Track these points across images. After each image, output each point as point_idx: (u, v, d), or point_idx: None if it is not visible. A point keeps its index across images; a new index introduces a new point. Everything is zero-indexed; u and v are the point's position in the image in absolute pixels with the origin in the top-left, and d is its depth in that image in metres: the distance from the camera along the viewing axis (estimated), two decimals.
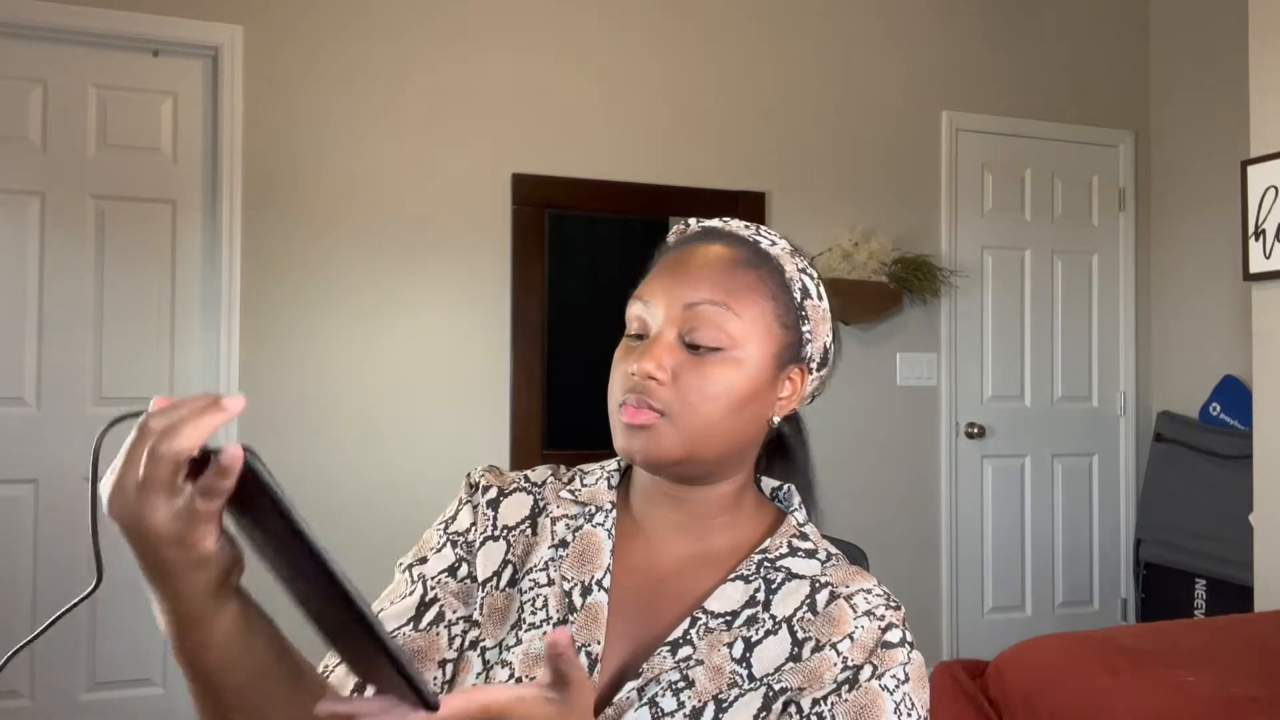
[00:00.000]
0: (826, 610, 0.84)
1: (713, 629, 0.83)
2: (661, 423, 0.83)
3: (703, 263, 0.86)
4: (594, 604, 0.85)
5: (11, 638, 2.94)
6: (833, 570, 0.88)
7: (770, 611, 0.84)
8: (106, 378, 3.04)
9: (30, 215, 3.00)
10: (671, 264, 0.88)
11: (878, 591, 0.87)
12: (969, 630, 3.98)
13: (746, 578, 0.86)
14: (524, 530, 0.90)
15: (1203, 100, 4.10)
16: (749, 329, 0.85)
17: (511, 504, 0.92)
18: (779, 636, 0.83)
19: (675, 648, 0.82)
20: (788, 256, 0.90)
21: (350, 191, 3.26)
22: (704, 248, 0.88)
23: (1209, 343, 4.03)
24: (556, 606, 0.85)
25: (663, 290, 0.85)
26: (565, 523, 0.90)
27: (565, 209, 3.51)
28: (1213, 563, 3.75)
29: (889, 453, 3.88)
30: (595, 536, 0.89)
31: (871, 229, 3.78)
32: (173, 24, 3.08)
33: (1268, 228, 3.08)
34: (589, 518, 0.90)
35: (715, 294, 0.84)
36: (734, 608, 0.84)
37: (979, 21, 4.07)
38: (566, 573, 0.87)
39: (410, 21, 3.34)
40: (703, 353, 0.84)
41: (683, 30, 3.66)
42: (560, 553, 0.88)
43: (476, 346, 3.38)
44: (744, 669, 0.81)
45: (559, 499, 0.92)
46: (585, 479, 0.94)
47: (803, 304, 0.89)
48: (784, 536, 0.90)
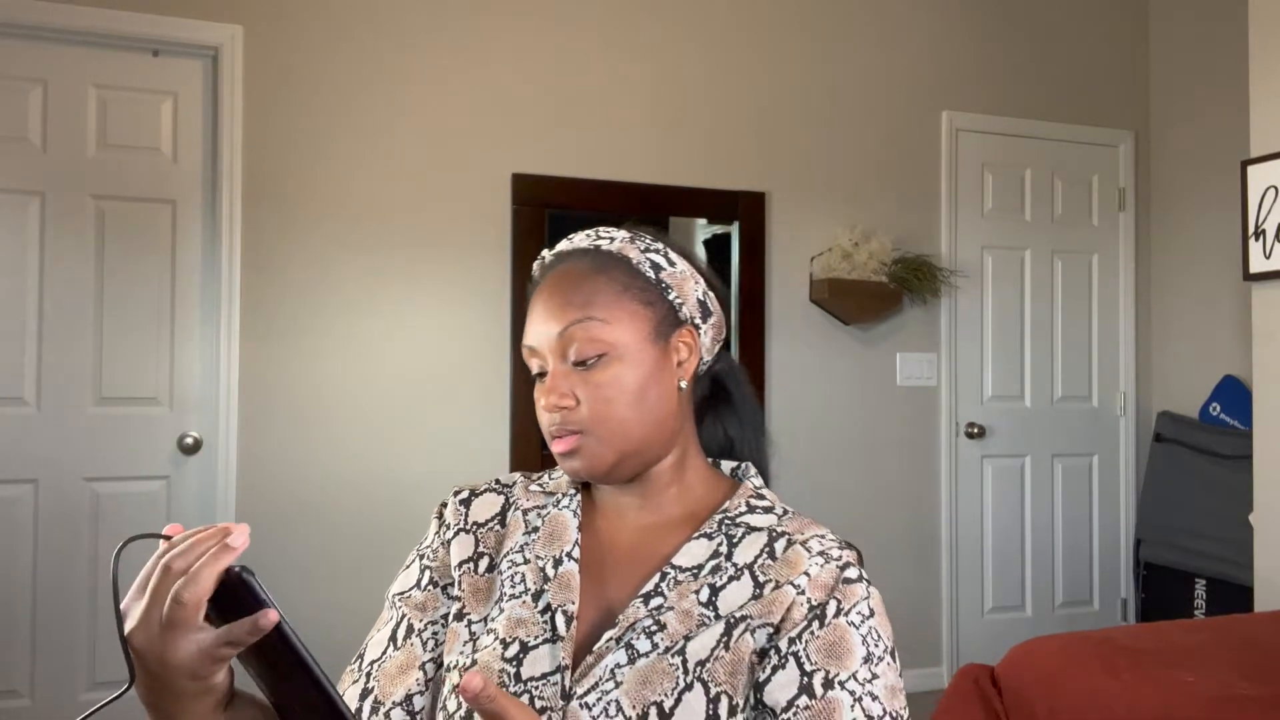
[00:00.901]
0: (784, 555, 0.92)
1: (681, 581, 0.91)
2: (585, 440, 0.92)
3: (555, 290, 0.94)
4: (565, 572, 0.93)
5: (11, 637, 2.94)
6: (788, 521, 0.96)
7: (733, 560, 0.92)
8: (106, 378, 3.04)
9: (30, 215, 3.00)
10: (535, 303, 0.96)
11: (831, 537, 0.94)
12: (969, 630, 3.98)
13: (710, 535, 0.94)
14: (493, 527, 1.00)
15: (1203, 100, 4.10)
16: (615, 326, 0.92)
17: (482, 503, 1.02)
18: (741, 581, 0.90)
19: (648, 599, 0.90)
20: (628, 244, 0.97)
21: (350, 191, 3.26)
22: (553, 275, 0.96)
23: (1209, 343, 4.03)
24: (533, 579, 0.94)
25: (537, 331, 0.94)
26: (535, 511, 1.00)
27: (565, 209, 3.51)
28: (1213, 563, 3.75)
29: (889, 453, 3.88)
30: (562, 517, 0.98)
31: (871, 229, 3.78)
32: (173, 24, 3.08)
33: (1268, 228, 3.08)
34: (555, 504, 1.00)
35: (574, 314, 0.92)
36: (699, 561, 0.92)
37: (979, 21, 4.07)
38: (539, 551, 0.96)
39: (410, 22, 3.34)
40: (589, 365, 0.92)
41: (683, 30, 3.66)
42: (532, 537, 0.98)
43: (477, 346, 3.38)
44: (710, 611, 0.89)
45: (527, 493, 1.02)
46: (551, 474, 1.04)
47: (659, 277, 0.96)
48: (742, 498, 0.98)
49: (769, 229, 3.70)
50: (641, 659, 0.86)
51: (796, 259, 3.74)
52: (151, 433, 3.08)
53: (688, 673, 0.85)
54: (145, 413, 3.08)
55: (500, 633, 0.91)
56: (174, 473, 3.10)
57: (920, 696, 3.82)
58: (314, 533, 3.17)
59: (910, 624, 3.87)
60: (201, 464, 3.12)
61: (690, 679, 0.85)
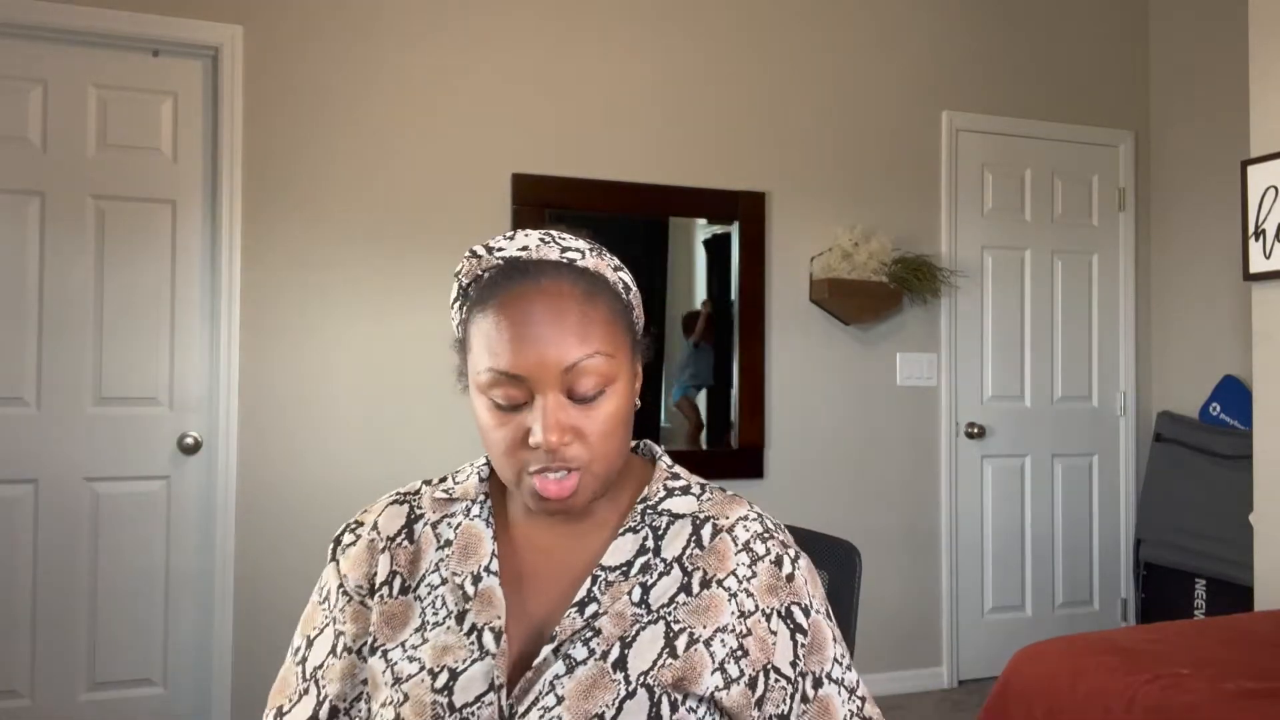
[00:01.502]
0: (711, 544, 0.91)
1: (612, 581, 0.89)
2: (583, 478, 0.87)
3: (553, 313, 0.85)
4: (486, 589, 0.90)
5: (11, 637, 2.94)
6: (709, 504, 0.94)
7: (661, 556, 0.91)
8: (106, 378, 3.04)
9: (30, 215, 3.00)
10: (515, 321, 0.85)
11: (753, 516, 0.94)
12: (969, 630, 3.98)
13: (634, 529, 0.92)
14: (401, 542, 0.95)
15: (1203, 100, 4.10)
16: (616, 359, 0.88)
17: (387, 518, 0.97)
18: (671, 575, 0.90)
19: (582, 607, 0.87)
20: (600, 261, 0.91)
21: (350, 191, 3.26)
22: (537, 291, 0.86)
23: (1209, 343, 4.03)
24: (453, 600, 0.90)
25: (528, 360, 0.84)
26: (446, 522, 0.95)
27: (565, 209, 3.51)
28: (1213, 563, 3.75)
29: (889, 453, 3.88)
30: (474, 529, 0.94)
31: (871, 229, 3.78)
32: (173, 24, 3.08)
33: (1268, 228, 3.08)
34: (465, 512, 0.95)
35: (586, 347, 0.85)
36: (628, 558, 0.90)
37: (979, 21, 4.07)
38: (456, 568, 0.92)
39: (410, 22, 3.34)
40: (591, 400, 0.86)
41: (683, 30, 3.66)
42: (446, 552, 0.93)
43: None
44: (643, 609, 0.88)
45: (434, 502, 0.97)
46: (456, 477, 0.99)
47: (628, 299, 0.93)
48: (659, 482, 0.95)
49: (769, 229, 3.70)
50: (580, 667, 0.85)
51: (796, 259, 3.74)
52: (151, 433, 3.08)
53: (630, 682, 0.84)
54: (145, 413, 3.08)
55: (427, 663, 0.87)
56: (174, 473, 3.10)
57: (920, 696, 3.82)
58: (314, 532, 3.17)
59: (910, 624, 3.87)
60: (201, 464, 3.12)
61: (634, 687, 0.84)
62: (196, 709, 3.10)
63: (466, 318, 0.90)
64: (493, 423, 0.88)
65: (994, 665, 3.82)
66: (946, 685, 3.93)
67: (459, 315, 0.93)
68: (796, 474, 3.70)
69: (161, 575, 3.08)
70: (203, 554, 3.10)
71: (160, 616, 3.08)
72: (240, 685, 3.10)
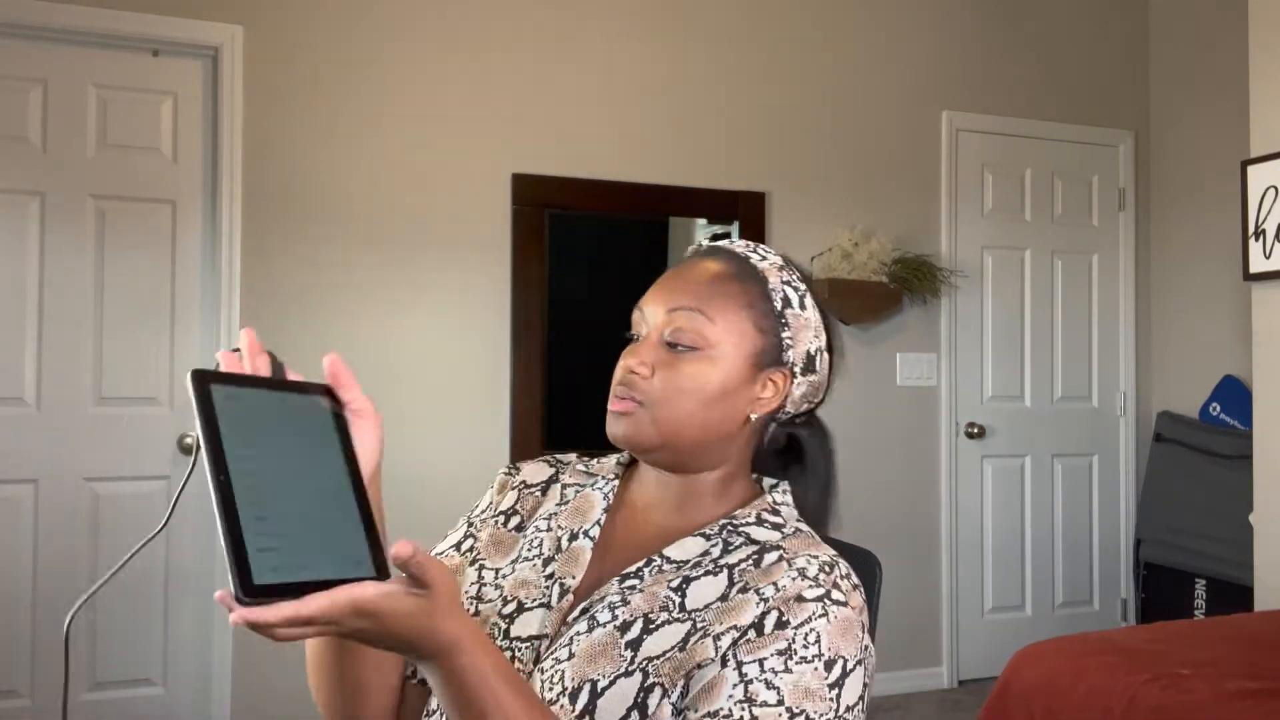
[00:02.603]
0: (767, 566, 0.90)
1: (665, 570, 0.92)
2: (640, 411, 0.94)
3: (691, 275, 0.97)
4: (577, 547, 0.97)
5: (12, 637, 2.94)
6: (791, 539, 0.94)
7: (720, 561, 0.92)
8: (106, 378, 3.04)
9: (30, 215, 3.00)
10: (668, 275, 0.99)
11: (826, 558, 0.90)
12: (969, 630, 3.98)
13: (708, 535, 0.95)
14: (535, 492, 1.05)
15: (1203, 100, 4.10)
16: (723, 333, 0.94)
17: (533, 468, 1.07)
18: (717, 578, 0.90)
19: (625, 579, 0.92)
20: (775, 270, 1.00)
21: (350, 191, 3.26)
22: (699, 262, 0.99)
23: (1209, 343, 4.03)
24: (549, 546, 0.99)
25: (654, 298, 0.97)
26: (574, 488, 1.04)
27: (565, 209, 3.51)
28: (1213, 563, 3.75)
29: (889, 453, 3.87)
30: (592, 497, 1.02)
31: (871, 229, 3.78)
32: (173, 24, 3.08)
33: (1268, 228, 3.08)
34: (592, 484, 1.04)
35: (693, 301, 0.95)
36: (689, 557, 0.93)
37: (979, 21, 4.07)
38: (563, 523, 1.01)
39: (411, 22, 3.34)
40: (680, 351, 0.94)
41: (683, 30, 3.66)
42: (562, 508, 1.02)
43: (477, 346, 3.38)
44: (678, 596, 0.90)
45: (574, 470, 1.07)
46: (601, 458, 1.08)
47: (783, 312, 0.98)
48: (755, 509, 0.97)
49: (769, 229, 3.70)
50: (599, 629, 0.88)
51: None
52: (151, 433, 3.08)
53: (633, 663, 0.86)
54: (145, 413, 3.08)
55: (505, 590, 0.96)
56: (174, 473, 3.10)
57: (920, 696, 3.82)
58: None
59: (910, 624, 3.87)
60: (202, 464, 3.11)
61: (633, 667, 0.86)
62: (196, 709, 3.10)
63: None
64: (622, 356, 0.97)
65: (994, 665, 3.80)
66: (946, 685, 3.93)
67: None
68: None
69: (161, 575, 3.08)
70: (203, 554, 3.10)
71: (160, 616, 3.08)
72: (240, 685, 3.10)
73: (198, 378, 0.69)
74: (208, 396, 0.68)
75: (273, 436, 0.70)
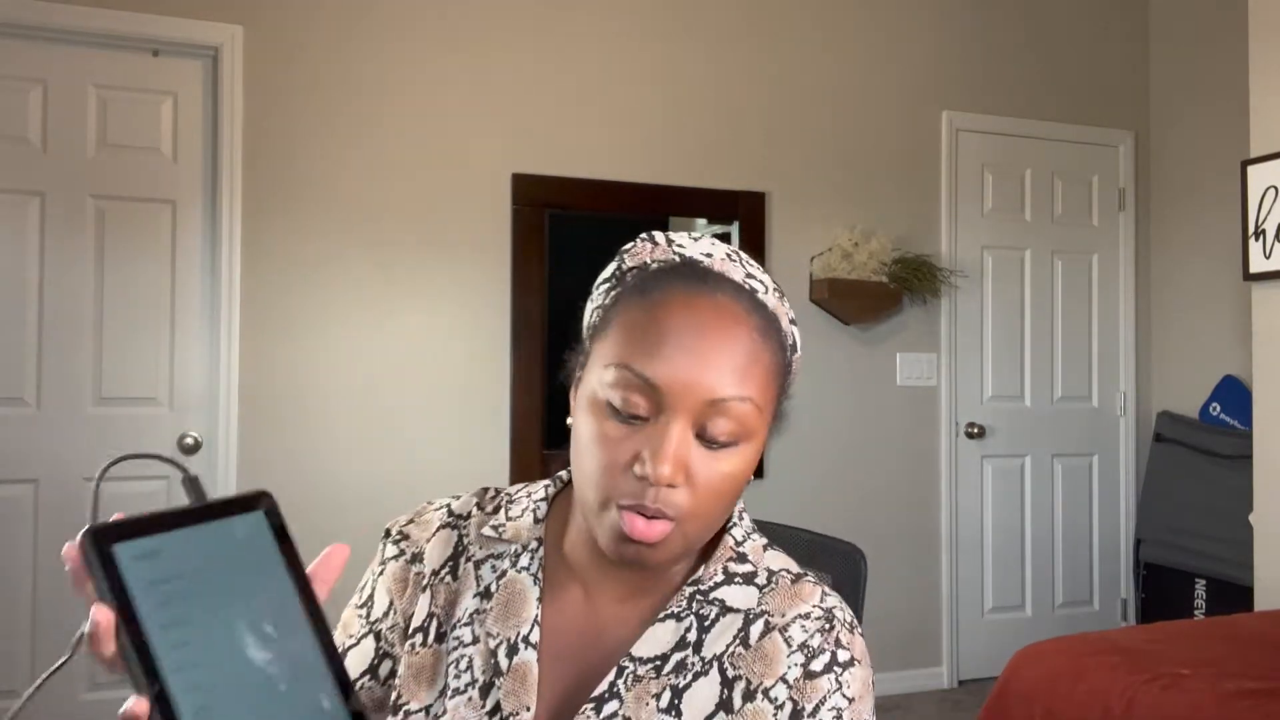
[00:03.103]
0: (759, 645, 0.77)
1: (641, 677, 0.76)
2: (674, 531, 0.73)
3: (724, 336, 0.73)
4: (521, 664, 0.77)
5: (12, 637, 2.94)
6: (771, 596, 0.80)
7: (700, 654, 0.77)
8: (106, 378, 3.04)
9: (30, 215, 3.00)
10: (680, 326, 0.73)
11: (818, 614, 0.79)
12: (969, 630, 3.98)
13: (678, 615, 0.78)
14: (445, 578, 0.83)
15: (1203, 100, 4.10)
16: (764, 415, 0.76)
17: (436, 546, 0.85)
18: (709, 678, 0.76)
19: (600, 705, 0.75)
20: (780, 304, 0.80)
21: (350, 191, 3.26)
22: (712, 305, 0.74)
23: (1209, 343, 4.03)
24: (482, 667, 0.78)
25: (676, 372, 0.72)
26: (490, 565, 0.82)
27: (565, 209, 3.51)
28: (1213, 563, 3.75)
29: (889, 453, 3.87)
30: (520, 583, 0.81)
31: (871, 229, 3.78)
32: (173, 24, 3.08)
33: (1268, 228, 3.08)
34: (514, 560, 0.82)
35: (743, 388, 0.73)
36: (663, 650, 0.77)
37: (979, 21, 4.07)
38: (492, 628, 0.79)
39: (411, 22, 3.34)
40: (718, 448, 0.74)
41: (683, 30, 3.66)
42: (484, 604, 0.81)
43: (477, 346, 3.38)
44: (673, 717, 0.75)
45: (481, 538, 0.84)
46: (510, 510, 0.85)
47: (790, 360, 0.81)
48: (719, 563, 0.81)
49: (769, 229, 3.70)
50: None
51: (796, 259, 3.74)
52: (151, 433, 3.08)
53: None
54: (145, 413, 3.08)
55: None
56: (174, 473, 3.09)
57: (920, 696, 3.82)
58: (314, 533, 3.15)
59: (910, 624, 3.87)
60: (201, 464, 3.12)
61: None
62: None
63: (612, 303, 0.78)
64: (598, 433, 0.73)
65: (994, 665, 3.81)
66: (946, 685, 3.93)
67: (603, 299, 0.80)
68: (796, 474, 3.70)
69: None
70: None
71: None
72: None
73: (94, 538, 0.54)
74: (111, 563, 0.54)
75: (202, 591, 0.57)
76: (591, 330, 0.80)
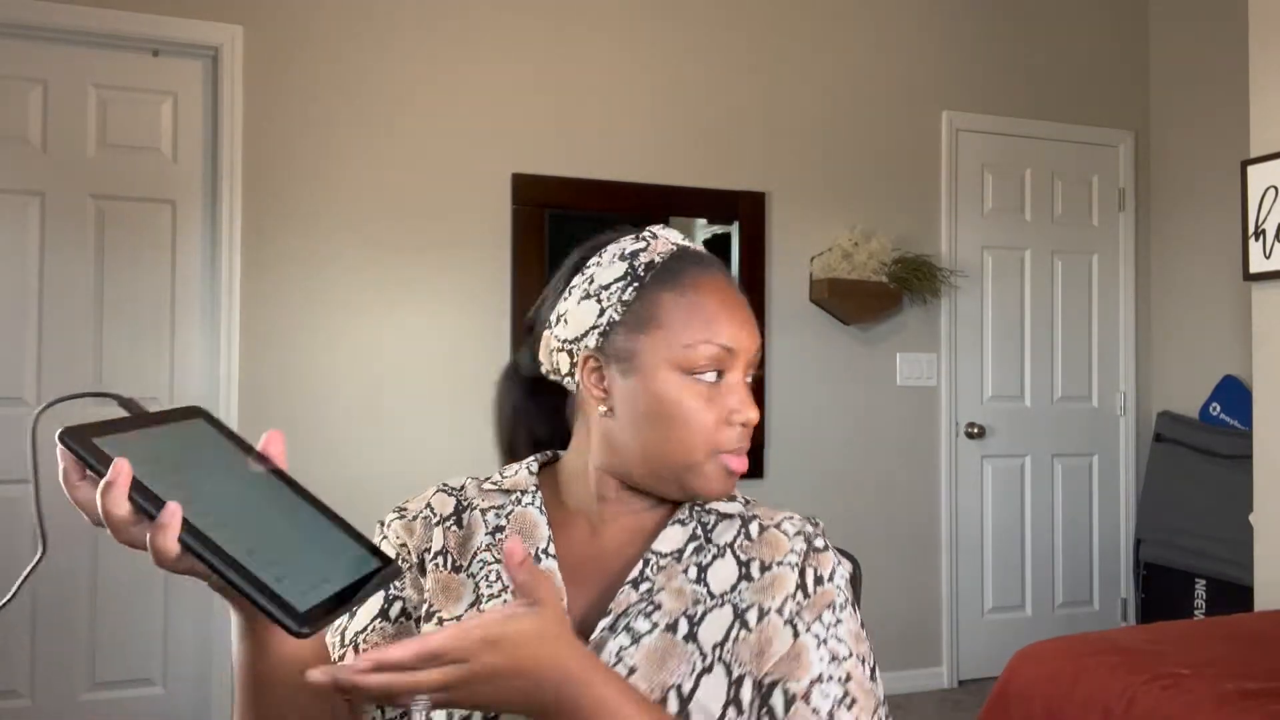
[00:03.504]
0: (760, 537, 0.92)
1: (664, 565, 0.89)
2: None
3: (742, 304, 0.94)
4: (544, 569, 0.89)
5: (11, 637, 2.94)
6: (755, 508, 0.97)
7: (713, 541, 0.92)
8: (106, 378, 3.04)
9: (30, 215, 3.00)
10: (724, 301, 0.92)
11: (798, 518, 0.96)
12: (969, 630, 3.98)
13: (683, 521, 0.93)
14: (451, 525, 0.94)
15: (1203, 100, 4.10)
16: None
17: (437, 501, 0.96)
18: (725, 560, 0.90)
19: (636, 584, 0.88)
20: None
21: (350, 191, 3.26)
22: (726, 280, 0.95)
23: (1209, 343, 4.03)
24: (507, 582, 0.88)
25: (740, 334, 0.92)
26: (494, 511, 0.94)
27: (565, 209, 3.51)
28: (1213, 563, 3.75)
29: (889, 453, 3.87)
30: (528, 515, 0.93)
31: (871, 229, 3.78)
32: (173, 24, 3.08)
33: (1268, 228, 3.08)
34: (517, 502, 0.95)
35: (758, 340, 0.95)
36: (679, 546, 0.91)
37: (979, 21, 4.07)
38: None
39: (411, 22, 3.34)
40: (750, 384, 0.95)
41: (682, 30, 3.66)
42: (498, 536, 0.92)
43: (477, 346, 3.38)
44: (703, 587, 0.88)
45: (482, 492, 0.96)
46: (504, 473, 0.99)
47: None
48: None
49: (769, 229, 3.70)
50: (646, 637, 0.84)
51: (796, 259, 3.74)
52: None
53: (705, 656, 0.84)
54: None
55: None
56: None
57: (920, 696, 3.82)
58: None
59: (910, 624, 3.87)
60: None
61: (710, 661, 0.84)
62: (196, 709, 3.10)
63: (639, 298, 0.91)
64: (697, 400, 0.89)
65: (994, 665, 3.81)
66: (946, 685, 3.93)
67: (627, 294, 0.91)
68: (796, 474, 3.70)
69: (161, 575, 3.08)
70: None
71: (160, 616, 3.08)
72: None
73: (75, 435, 0.60)
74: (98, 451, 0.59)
75: (190, 469, 0.63)
76: (623, 325, 0.91)
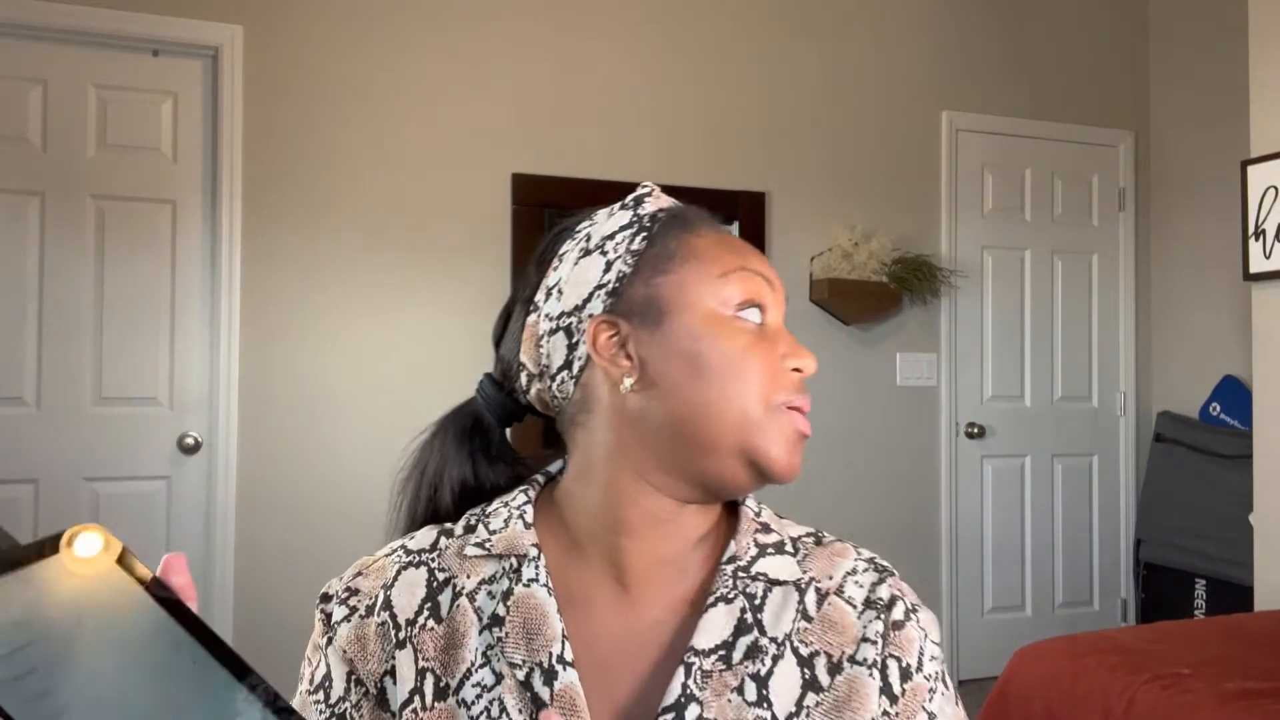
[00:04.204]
0: (821, 614, 0.72)
1: (711, 672, 0.68)
2: None
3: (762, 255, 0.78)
4: (565, 688, 0.67)
5: None
6: (809, 562, 0.75)
7: (767, 634, 0.70)
8: (106, 378, 3.04)
9: (30, 215, 3.00)
10: (738, 246, 0.75)
11: (864, 566, 0.75)
12: (969, 630, 3.98)
13: (727, 597, 0.71)
14: (426, 624, 0.71)
15: (1203, 100, 4.10)
16: None
17: (401, 591, 0.73)
18: (786, 660, 0.70)
19: (680, 711, 0.66)
20: None
21: (350, 191, 3.26)
22: (727, 234, 0.79)
23: (1209, 343, 4.03)
24: (519, 707, 0.67)
25: (771, 275, 0.75)
26: (485, 591, 0.71)
27: (565, 209, 3.49)
28: (1213, 563, 3.75)
29: (889, 453, 3.87)
30: (532, 598, 0.70)
31: (871, 229, 3.78)
32: (173, 24, 3.08)
33: (1268, 228, 3.08)
34: (514, 575, 0.71)
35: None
36: (725, 637, 0.69)
37: (979, 21, 4.07)
38: (515, 658, 0.68)
39: (411, 22, 3.34)
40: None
41: (682, 30, 3.66)
42: (497, 634, 0.69)
43: (477, 347, 3.37)
44: (766, 710, 0.67)
45: (464, 559, 0.73)
46: (490, 523, 0.75)
47: None
48: (748, 535, 0.75)
49: (769, 229, 3.70)
50: None
51: (796, 259, 3.74)
52: (151, 433, 3.08)
53: None
54: (145, 413, 3.08)
55: None
56: (174, 473, 3.10)
57: None
58: (314, 533, 3.17)
59: None
60: (201, 464, 3.12)
61: None
62: None
63: (652, 243, 0.74)
64: (746, 342, 0.70)
65: (994, 665, 3.81)
66: None
67: (636, 242, 0.75)
68: None
69: None
70: (203, 554, 3.10)
71: None
72: None
73: None
74: None
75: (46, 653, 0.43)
76: (628, 278, 0.74)
